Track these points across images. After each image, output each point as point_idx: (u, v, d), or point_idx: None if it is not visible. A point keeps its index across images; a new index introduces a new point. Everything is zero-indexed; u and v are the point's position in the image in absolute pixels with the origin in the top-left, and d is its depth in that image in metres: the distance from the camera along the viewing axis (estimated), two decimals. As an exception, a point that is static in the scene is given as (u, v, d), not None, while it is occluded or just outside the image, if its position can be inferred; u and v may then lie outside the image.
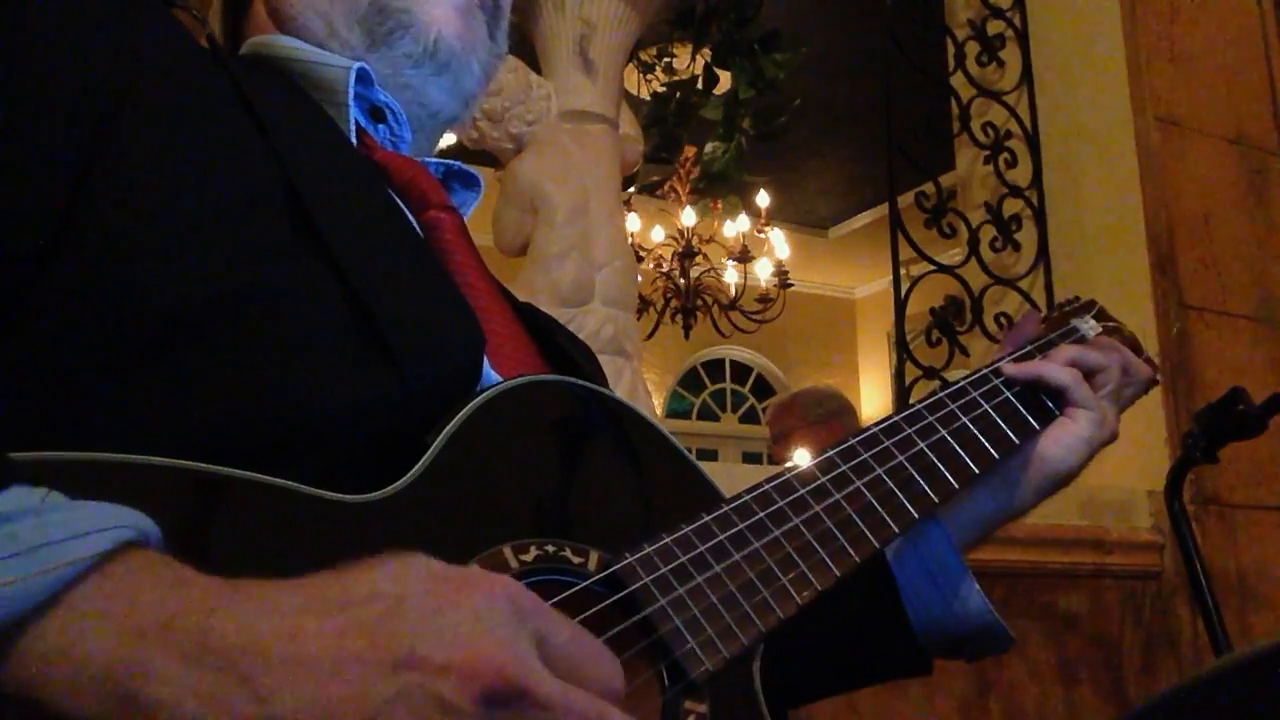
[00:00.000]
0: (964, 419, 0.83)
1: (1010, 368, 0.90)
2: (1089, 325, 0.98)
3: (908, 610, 0.85)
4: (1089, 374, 0.91)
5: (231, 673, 0.38)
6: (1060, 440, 0.88)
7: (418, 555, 0.43)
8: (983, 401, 0.86)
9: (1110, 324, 0.99)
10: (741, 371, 8.09)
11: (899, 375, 2.25)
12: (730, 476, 0.70)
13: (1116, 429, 0.92)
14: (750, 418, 7.97)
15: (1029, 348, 0.93)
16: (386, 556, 0.43)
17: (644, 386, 2.48)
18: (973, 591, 0.84)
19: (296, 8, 0.78)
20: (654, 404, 3.14)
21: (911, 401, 0.85)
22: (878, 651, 0.88)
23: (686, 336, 5.58)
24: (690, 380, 7.82)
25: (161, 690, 0.38)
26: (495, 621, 0.41)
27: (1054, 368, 0.89)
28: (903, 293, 2.25)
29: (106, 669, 0.38)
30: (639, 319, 2.73)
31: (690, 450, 0.71)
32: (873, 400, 8.00)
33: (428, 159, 0.82)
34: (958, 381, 0.88)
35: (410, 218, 0.73)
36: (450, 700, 0.39)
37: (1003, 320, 2.29)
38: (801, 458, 0.73)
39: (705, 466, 0.70)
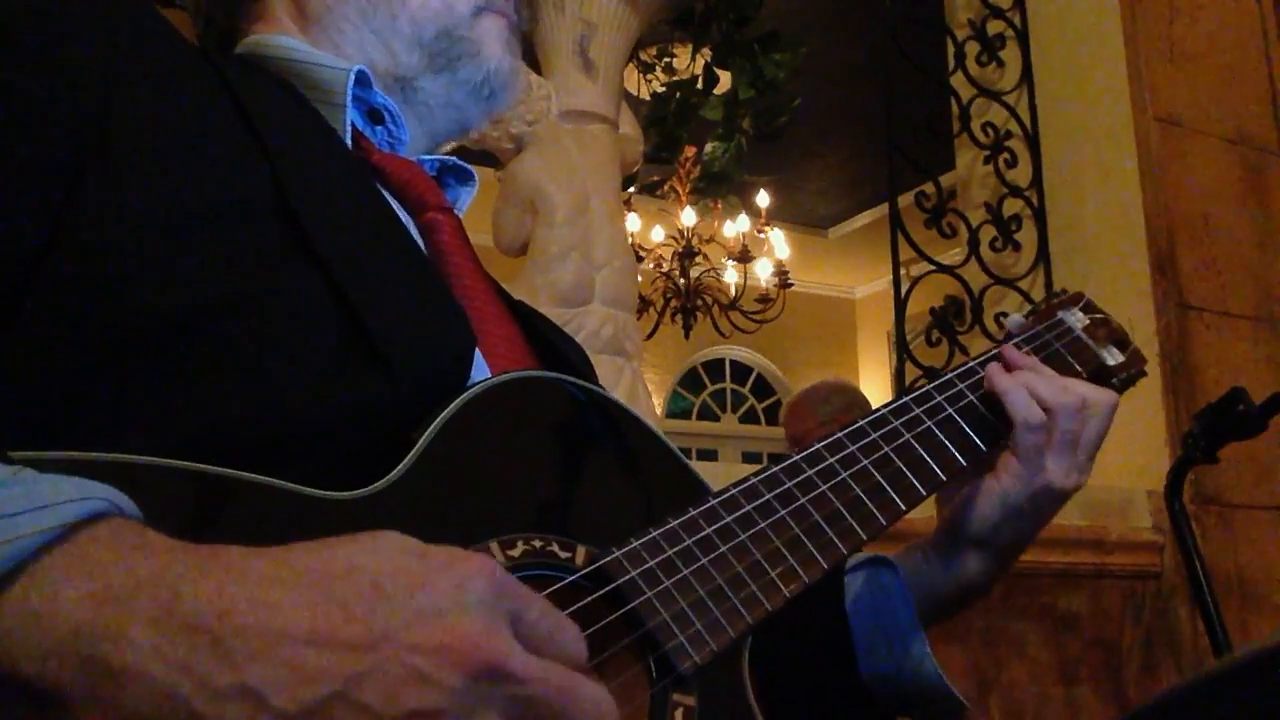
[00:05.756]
0: (949, 412, 0.82)
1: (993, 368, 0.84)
2: (1076, 317, 0.96)
3: (861, 668, 0.84)
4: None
5: (203, 638, 0.38)
6: (971, 500, 0.82)
7: (394, 533, 0.44)
8: (969, 391, 0.84)
9: (1098, 315, 0.97)
10: (741, 371, 8.08)
11: (899, 375, 2.26)
12: (730, 477, 0.70)
13: (1083, 480, 0.81)
14: (750, 418, 7.96)
15: (1017, 339, 0.91)
16: (363, 533, 0.43)
17: (644, 386, 2.48)
18: (925, 655, 0.82)
19: (344, 20, 0.78)
20: (654, 404, 3.14)
21: (906, 388, 0.84)
22: (835, 707, 0.87)
23: (686, 336, 5.59)
24: (690, 380, 7.82)
25: (130, 655, 0.37)
26: (472, 601, 0.41)
27: (1013, 387, 0.81)
28: (903, 293, 2.25)
29: (73, 634, 0.37)
30: (639, 319, 2.72)
31: (690, 450, 0.71)
32: (873, 400, 7.96)
33: (423, 156, 0.82)
34: (947, 373, 0.86)
35: (405, 220, 0.73)
36: (429, 674, 0.39)
37: (1002, 320, 2.29)
38: None
39: (705, 466, 0.70)
